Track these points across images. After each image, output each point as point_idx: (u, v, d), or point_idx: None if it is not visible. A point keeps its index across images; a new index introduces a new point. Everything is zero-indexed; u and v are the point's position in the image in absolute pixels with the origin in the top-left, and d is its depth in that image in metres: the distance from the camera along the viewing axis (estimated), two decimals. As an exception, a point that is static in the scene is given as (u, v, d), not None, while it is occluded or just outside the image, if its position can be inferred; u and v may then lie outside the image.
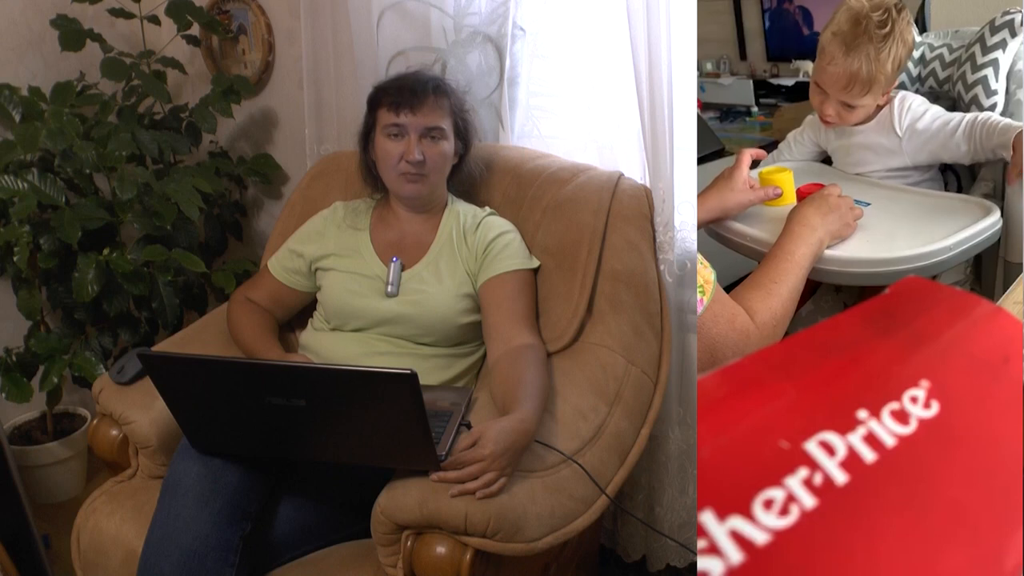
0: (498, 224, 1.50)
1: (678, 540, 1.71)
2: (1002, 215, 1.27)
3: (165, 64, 2.02)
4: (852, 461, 0.45)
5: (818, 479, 0.43)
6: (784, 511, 0.41)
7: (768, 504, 0.41)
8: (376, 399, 1.09)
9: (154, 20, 2.01)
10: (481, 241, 1.46)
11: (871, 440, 0.47)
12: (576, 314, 1.44)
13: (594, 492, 1.22)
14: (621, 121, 1.62)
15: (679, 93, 1.44)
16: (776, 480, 0.43)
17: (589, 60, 1.66)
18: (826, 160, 1.61)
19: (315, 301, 1.55)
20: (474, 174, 1.57)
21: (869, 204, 1.33)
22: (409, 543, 1.13)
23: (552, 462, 1.20)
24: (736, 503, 0.41)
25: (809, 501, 0.42)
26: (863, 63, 1.31)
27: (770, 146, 2.47)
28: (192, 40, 2.10)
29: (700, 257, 1.07)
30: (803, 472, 0.44)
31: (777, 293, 1.13)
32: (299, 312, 1.60)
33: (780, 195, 1.37)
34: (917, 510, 0.43)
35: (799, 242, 1.19)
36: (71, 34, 1.89)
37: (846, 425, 0.47)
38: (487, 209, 1.55)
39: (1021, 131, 1.28)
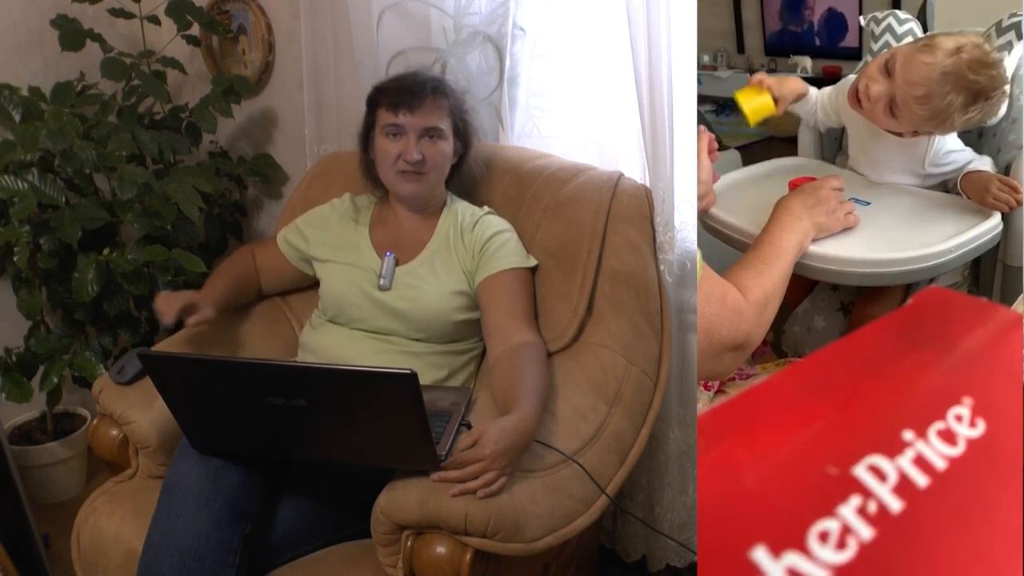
0: (495, 223, 1.50)
1: (678, 540, 1.70)
2: (1003, 218, 1.26)
3: (165, 64, 2.02)
4: (905, 487, 0.42)
5: (872, 507, 0.40)
6: (841, 544, 0.38)
7: (824, 537, 0.38)
8: (376, 399, 1.09)
9: (154, 20, 2.00)
10: (478, 239, 1.47)
11: (921, 463, 0.44)
12: (576, 314, 1.44)
13: (594, 492, 1.22)
14: (621, 121, 1.62)
15: (679, 93, 1.44)
16: (829, 510, 0.40)
17: (589, 60, 1.65)
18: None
19: (313, 296, 1.56)
20: (474, 174, 1.57)
21: (869, 203, 1.32)
22: (409, 543, 1.13)
23: (552, 462, 1.20)
24: (790, 537, 0.38)
25: (866, 532, 0.39)
26: (949, 102, 1.21)
27: (764, 141, 2.46)
28: (192, 40, 2.10)
29: None
30: (856, 500, 0.41)
31: (768, 273, 1.14)
32: (298, 309, 1.61)
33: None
34: (976, 538, 0.41)
35: (785, 230, 1.19)
36: (71, 34, 1.89)
37: (893, 448, 0.44)
38: (485, 208, 1.55)
39: (965, 174, 1.29)
